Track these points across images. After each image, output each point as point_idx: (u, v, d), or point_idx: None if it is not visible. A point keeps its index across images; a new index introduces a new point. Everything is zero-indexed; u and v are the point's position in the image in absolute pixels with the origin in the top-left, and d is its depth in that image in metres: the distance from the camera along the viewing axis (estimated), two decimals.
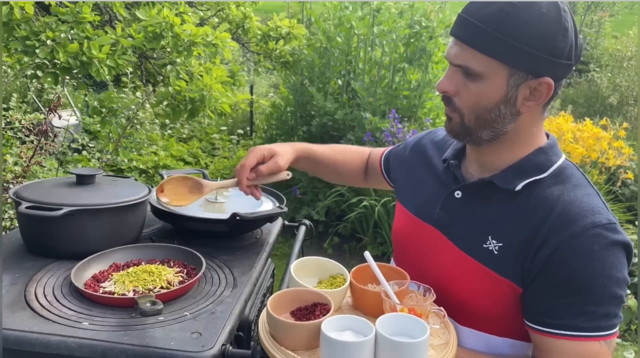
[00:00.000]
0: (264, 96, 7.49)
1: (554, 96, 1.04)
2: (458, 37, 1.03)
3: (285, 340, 0.97)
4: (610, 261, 0.98)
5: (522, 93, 1.02)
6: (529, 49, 0.97)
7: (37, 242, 1.31)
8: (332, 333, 0.91)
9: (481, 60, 0.99)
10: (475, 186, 1.13)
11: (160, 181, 1.32)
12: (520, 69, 0.99)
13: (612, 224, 1.00)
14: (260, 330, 1.01)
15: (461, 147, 1.21)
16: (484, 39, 0.98)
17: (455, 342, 1.02)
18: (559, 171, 1.08)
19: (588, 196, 1.04)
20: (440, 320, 1.07)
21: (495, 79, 1.00)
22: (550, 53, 0.98)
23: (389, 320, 0.95)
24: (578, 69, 9.78)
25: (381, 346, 0.90)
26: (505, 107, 1.03)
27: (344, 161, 1.50)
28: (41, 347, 0.96)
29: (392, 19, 4.63)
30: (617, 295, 0.99)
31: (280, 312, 1.01)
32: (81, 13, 2.65)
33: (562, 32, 0.98)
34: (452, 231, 1.13)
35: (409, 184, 1.32)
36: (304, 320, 1.00)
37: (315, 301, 1.04)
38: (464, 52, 1.01)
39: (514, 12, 0.96)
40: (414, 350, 0.89)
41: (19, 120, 2.94)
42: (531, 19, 0.96)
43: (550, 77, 1.00)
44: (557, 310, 1.01)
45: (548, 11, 0.97)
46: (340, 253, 4.38)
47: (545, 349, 1.04)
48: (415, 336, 0.91)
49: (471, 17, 1.00)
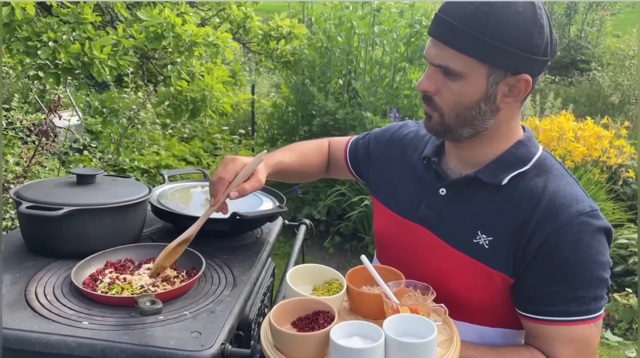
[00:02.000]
0: (265, 95, 7.49)
1: (531, 91, 1.07)
2: (437, 37, 1.04)
3: (293, 352, 0.94)
4: (596, 247, 1.02)
5: (501, 90, 1.04)
6: (507, 47, 0.98)
7: (37, 242, 1.31)
8: (341, 340, 0.89)
9: (461, 59, 1.01)
10: (459, 183, 1.15)
11: (155, 268, 1.20)
12: (499, 67, 1.01)
13: (595, 211, 1.05)
14: (264, 343, 0.98)
15: (440, 143, 1.22)
16: (462, 38, 1.00)
17: (459, 337, 1.02)
18: (541, 163, 1.12)
19: (570, 185, 1.08)
20: (442, 316, 1.07)
21: (475, 78, 1.02)
22: (527, 50, 1.00)
23: (395, 322, 0.95)
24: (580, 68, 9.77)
25: (391, 348, 0.89)
26: (485, 105, 1.05)
27: (309, 163, 1.46)
28: (41, 346, 0.96)
29: (393, 19, 4.64)
30: (603, 278, 1.04)
31: (281, 323, 0.98)
32: (82, 14, 2.66)
33: (539, 30, 1.00)
34: (440, 228, 1.15)
35: (386, 182, 1.31)
36: (307, 329, 0.97)
37: (317, 310, 1.02)
38: (443, 52, 1.03)
39: (491, 11, 0.98)
40: (424, 350, 0.89)
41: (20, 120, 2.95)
42: (508, 17, 0.98)
43: (528, 74, 1.02)
44: (549, 297, 1.04)
45: (524, 9, 0.99)
46: (341, 252, 4.38)
47: (539, 336, 1.07)
48: (423, 335, 0.91)
49: (449, 17, 1.01)
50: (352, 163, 1.45)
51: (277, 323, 0.95)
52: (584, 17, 10.51)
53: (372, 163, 1.38)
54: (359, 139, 1.46)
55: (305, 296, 1.06)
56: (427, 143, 1.25)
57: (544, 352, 1.06)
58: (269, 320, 0.97)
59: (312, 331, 0.96)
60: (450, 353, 0.97)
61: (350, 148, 1.47)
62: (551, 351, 1.05)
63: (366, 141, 1.43)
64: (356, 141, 1.47)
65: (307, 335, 0.94)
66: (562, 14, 10.51)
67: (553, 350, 1.05)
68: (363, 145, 1.43)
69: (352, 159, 1.45)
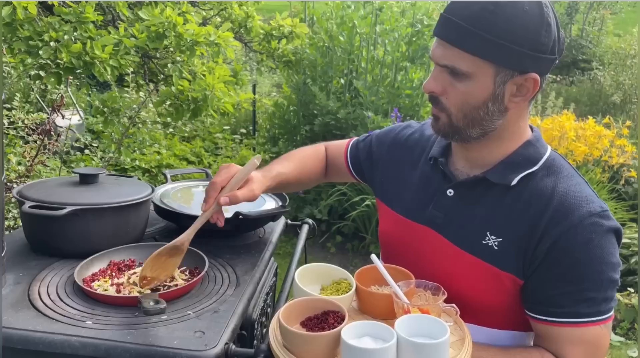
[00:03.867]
0: (266, 95, 7.49)
1: (540, 90, 1.06)
2: (443, 37, 1.03)
3: (304, 353, 0.93)
4: (607, 248, 1.02)
5: (509, 90, 1.03)
6: (514, 46, 0.98)
7: (40, 241, 1.31)
8: (352, 340, 0.88)
9: (467, 59, 1.00)
10: (467, 184, 1.14)
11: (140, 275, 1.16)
12: (506, 67, 1.00)
13: (605, 211, 1.04)
14: (272, 343, 0.97)
15: (447, 144, 1.21)
16: (469, 38, 0.99)
17: (470, 338, 1.01)
18: (550, 163, 1.11)
19: (579, 186, 1.07)
20: (452, 317, 1.06)
21: (482, 78, 1.01)
22: (535, 49, 0.99)
23: (407, 322, 0.94)
24: (581, 67, 9.75)
25: (403, 349, 0.88)
26: (493, 105, 1.04)
27: (307, 171, 1.44)
28: (45, 346, 0.96)
29: (394, 18, 4.63)
30: (613, 279, 1.03)
31: (290, 323, 0.97)
32: (84, 13, 2.65)
33: (546, 28, 0.99)
34: (448, 229, 1.14)
35: (391, 183, 1.30)
36: (317, 329, 0.97)
37: (327, 310, 1.01)
38: (449, 52, 1.02)
39: (497, 10, 0.97)
40: (437, 351, 0.88)
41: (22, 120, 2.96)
42: (515, 16, 0.97)
43: (536, 73, 1.02)
44: (559, 298, 1.03)
45: (531, 8, 0.98)
46: (343, 251, 4.38)
47: (550, 337, 1.06)
48: (435, 336, 0.90)
49: (455, 17, 1.00)
50: (354, 166, 1.44)
51: (285, 323, 0.94)
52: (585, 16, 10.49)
53: (374, 164, 1.37)
54: (359, 141, 1.45)
55: (314, 295, 1.05)
56: (433, 143, 1.24)
57: (554, 354, 1.05)
58: (279, 320, 0.96)
59: (322, 331, 0.95)
60: (462, 354, 0.96)
61: (351, 150, 1.45)
62: (561, 353, 1.04)
63: (367, 142, 1.42)
64: (356, 143, 1.45)
65: (318, 335, 0.93)
66: (563, 13, 10.49)
67: (563, 351, 1.04)
68: (364, 147, 1.42)
69: (353, 162, 1.44)
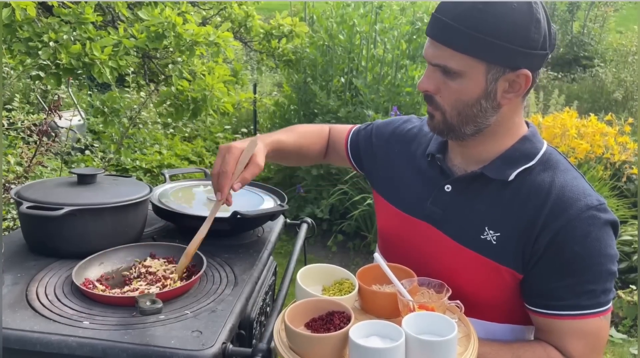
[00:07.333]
0: (267, 94, 7.49)
1: (532, 86, 1.06)
2: (433, 37, 1.05)
3: (311, 354, 0.92)
4: (605, 241, 1.03)
5: (502, 86, 1.04)
6: (504, 43, 0.98)
7: (38, 242, 1.31)
8: (360, 340, 0.88)
9: (458, 58, 1.01)
10: (465, 179, 1.15)
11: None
12: (497, 64, 1.01)
13: (602, 204, 1.05)
14: (278, 345, 0.96)
15: (444, 140, 1.22)
16: (459, 37, 1.00)
17: (476, 335, 1.01)
18: (547, 158, 1.12)
19: (576, 180, 1.09)
20: (457, 314, 1.06)
21: (474, 76, 1.02)
22: (525, 45, 1.00)
23: (414, 320, 0.94)
24: (582, 64, 9.73)
25: (412, 347, 0.88)
26: (486, 102, 1.05)
27: (307, 145, 1.45)
28: (42, 346, 0.96)
29: (394, 16, 4.62)
30: (612, 271, 1.05)
31: (295, 324, 0.96)
32: (84, 14, 2.65)
33: (535, 24, 1.00)
34: (447, 225, 1.15)
35: (389, 177, 1.31)
36: (323, 330, 0.96)
37: (332, 310, 1.00)
38: (440, 51, 1.03)
39: (486, 8, 0.98)
40: (446, 348, 0.88)
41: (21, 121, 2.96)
42: (504, 13, 0.98)
43: (528, 69, 1.02)
44: (559, 291, 1.04)
45: (519, 5, 0.99)
46: (344, 251, 4.38)
47: (550, 330, 1.07)
48: (442, 333, 0.90)
49: (444, 17, 1.01)
50: (353, 153, 1.45)
51: (290, 324, 0.94)
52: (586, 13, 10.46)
53: (373, 155, 1.38)
54: (360, 129, 1.45)
55: (319, 296, 1.05)
56: (430, 139, 1.25)
57: (556, 347, 1.06)
58: (285, 322, 0.95)
59: (329, 332, 0.94)
60: (469, 350, 0.97)
61: (352, 137, 1.46)
62: (563, 345, 1.06)
63: (368, 131, 1.42)
64: (358, 131, 1.46)
65: (326, 336, 0.93)
66: (564, 10, 10.47)
67: (565, 344, 1.05)
68: (365, 136, 1.42)
69: (352, 149, 1.45)
